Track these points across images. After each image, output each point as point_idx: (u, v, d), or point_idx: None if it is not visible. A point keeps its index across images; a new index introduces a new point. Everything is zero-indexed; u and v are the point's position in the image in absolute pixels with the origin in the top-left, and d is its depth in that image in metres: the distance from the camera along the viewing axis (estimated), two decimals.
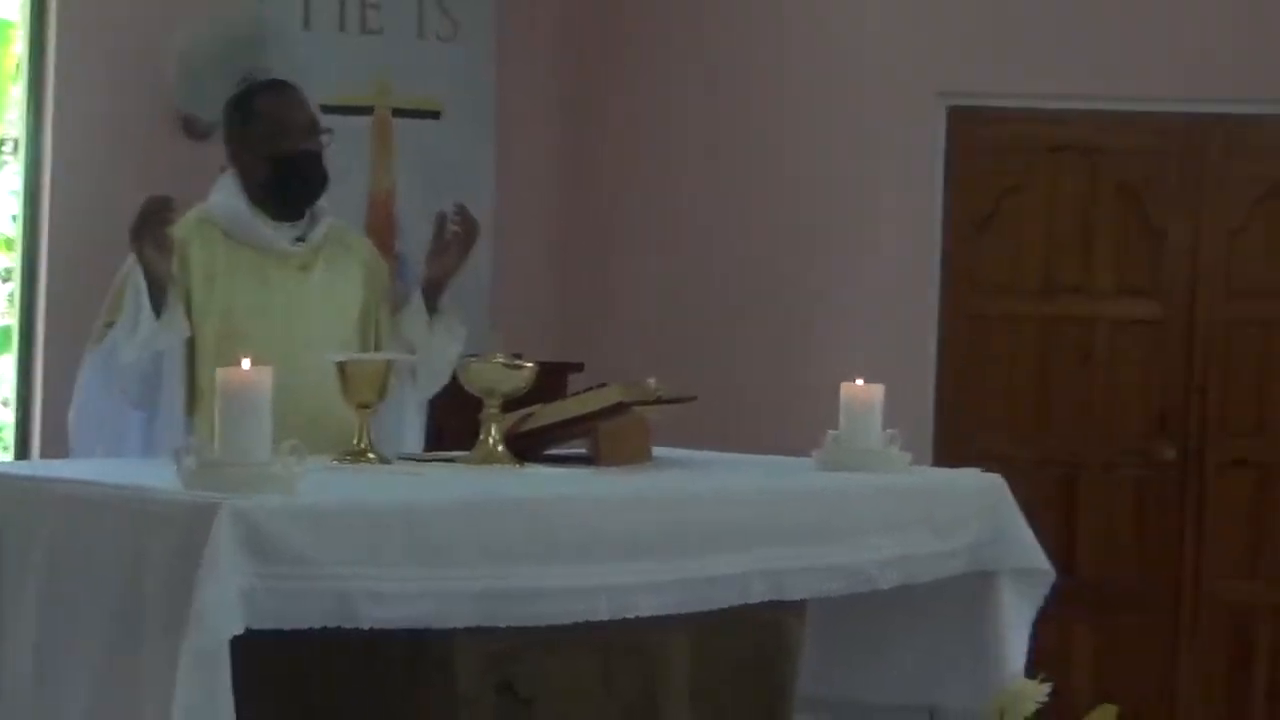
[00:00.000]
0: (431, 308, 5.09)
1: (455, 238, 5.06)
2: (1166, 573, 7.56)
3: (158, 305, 4.70)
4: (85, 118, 6.66)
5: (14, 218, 6.78)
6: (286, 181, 4.95)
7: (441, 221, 5.07)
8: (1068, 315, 7.65)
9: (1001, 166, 7.66)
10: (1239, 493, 7.55)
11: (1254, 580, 7.56)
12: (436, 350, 5.03)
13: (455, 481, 4.23)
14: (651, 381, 4.69)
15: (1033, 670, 4.80)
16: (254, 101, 5.02)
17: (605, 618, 3.91)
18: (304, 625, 3.50)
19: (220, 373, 3.64)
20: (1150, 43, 7.50)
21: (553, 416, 4.61)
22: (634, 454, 4.65)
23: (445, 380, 5.01)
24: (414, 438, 5.17)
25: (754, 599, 4.24)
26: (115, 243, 4.86)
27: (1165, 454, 7.54)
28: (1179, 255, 7.59)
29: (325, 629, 3.53)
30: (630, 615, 3.96)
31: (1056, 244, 7.66)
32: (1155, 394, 7.60)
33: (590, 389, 4.69)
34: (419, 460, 4.66)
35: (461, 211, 5.07)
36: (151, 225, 4.64)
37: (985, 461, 5.17)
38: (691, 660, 4.28)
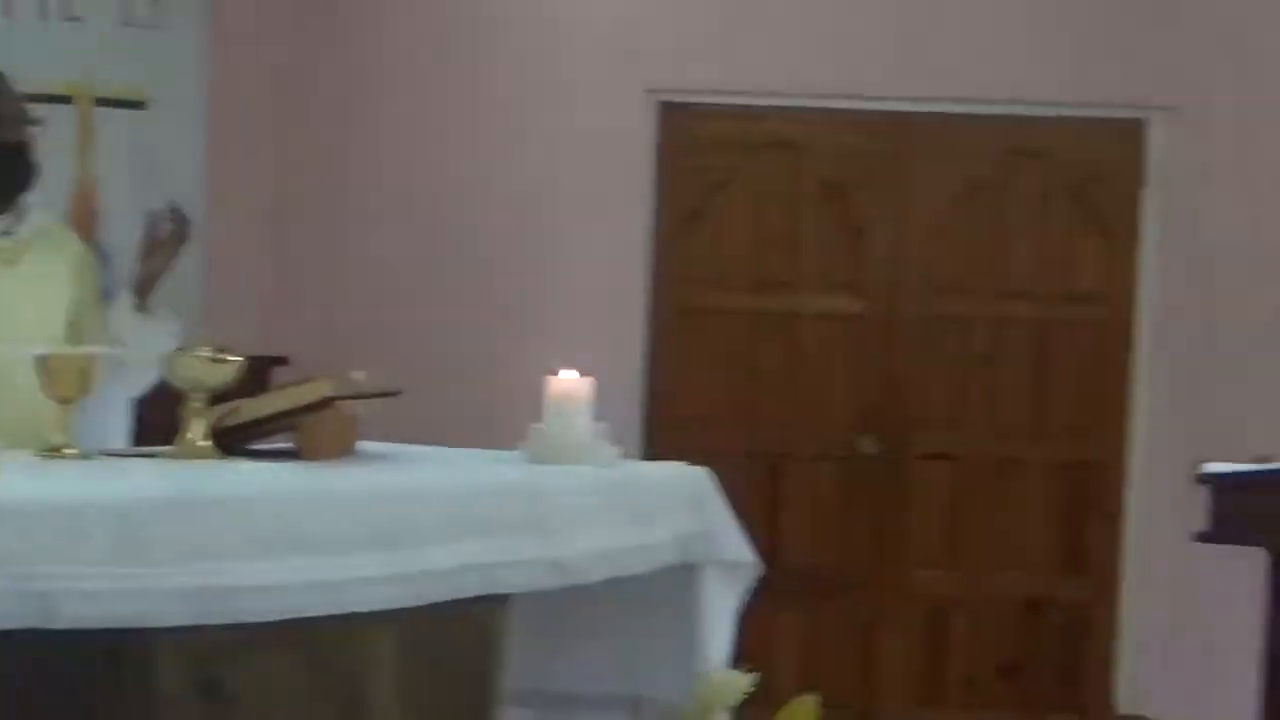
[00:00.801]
0: (142, 305, 5.04)
1: (168, 236, 5.01)
2: (868, 563, 7.71)
3: None
4: None
5: None
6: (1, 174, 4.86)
7: (154, 220, 5.01)
8: (773, 310, 7.77)
9: (710, 163, 7.74)
10: (938, 485, 7.73)
11: (952, 571, 7.74)
12: (146, 347, 4.96)
13: (158, 477, 4.16)
14: (359, 375, 4.67)
15: (737, 660, 4.86)
16: None
17: (315, 614, 3.88)
18: None
19: None
20: (853, 42, 7.63)
21: (258, 411, 4.56)
22: (340, 448, 4.62)
23: (155, 377, 4.94)
24: (120, 435, 5.10)
25: (465, 594, 4.23)
26: None
27: (867, 447, 7.69)
28: (881, 251, 7.75)
29: (20, 628, 3.46)
30: (341, 611, 3.93)
31: (763, 240, 7.77)
32: (858, 388, 7.74)
33: (297, 383, 4.65)
34: (121, 456, 4.59)
35: (175, 211, 5.01)
36: None
37: (693, 454, 5.22)
38: (398, 656, 4.26)
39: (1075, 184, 7.74)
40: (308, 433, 4.56)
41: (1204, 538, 5.20)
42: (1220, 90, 7.55)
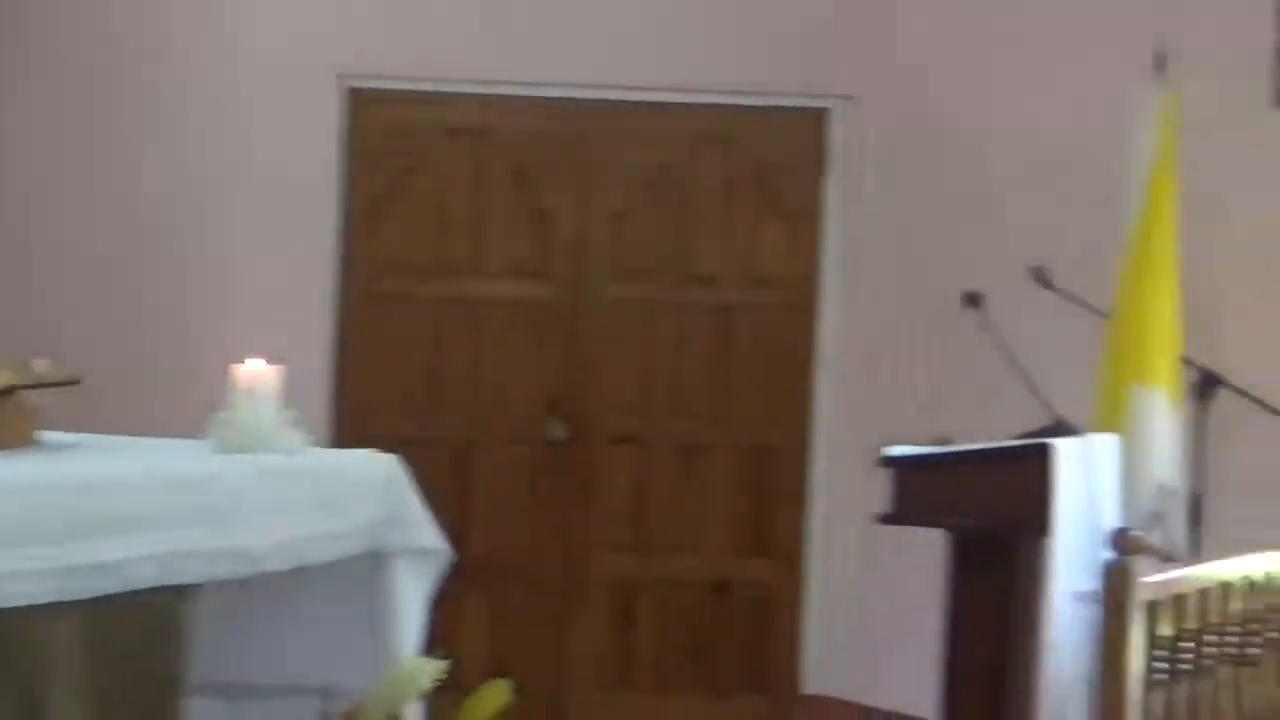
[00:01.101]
0: None
1: None
2: (557, 548, 7.75)
3: None
4: None
5: None
6: None
7: None
8: (461, 296, 7.76)
9: (398, 148, 7.71)
10: (625, 470, 7.79)
11: (639, 554, 7.80)
12: None
13: None
14: (38, 363, 4.58)
15: (429, 647, 4.86)
16: None
17: None
18: None
19: None
20: (541, 29, 7.65)
21: None
22: (20, 438, 4.53)
23: None
24: None
25: (142, 585, 4.16)
26: None
27: (555, 432, 7.72)
28: (567, 237, 7.78)
29: None
30: (10, 604, 3.85)
31: (450, 226, 7.75)
32: (546, 373, 7.77)
33: None
34: None
35: None
36: None
37: (382, 441, 5.19)
38: (80, 649, 4.18)
39: (758, 171, 7.85)
40: None
41: (885, 519, 5.30)
42: (897, 80, 7.70)
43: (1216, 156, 6.75)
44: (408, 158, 7.72)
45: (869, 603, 7.67)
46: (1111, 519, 5.36)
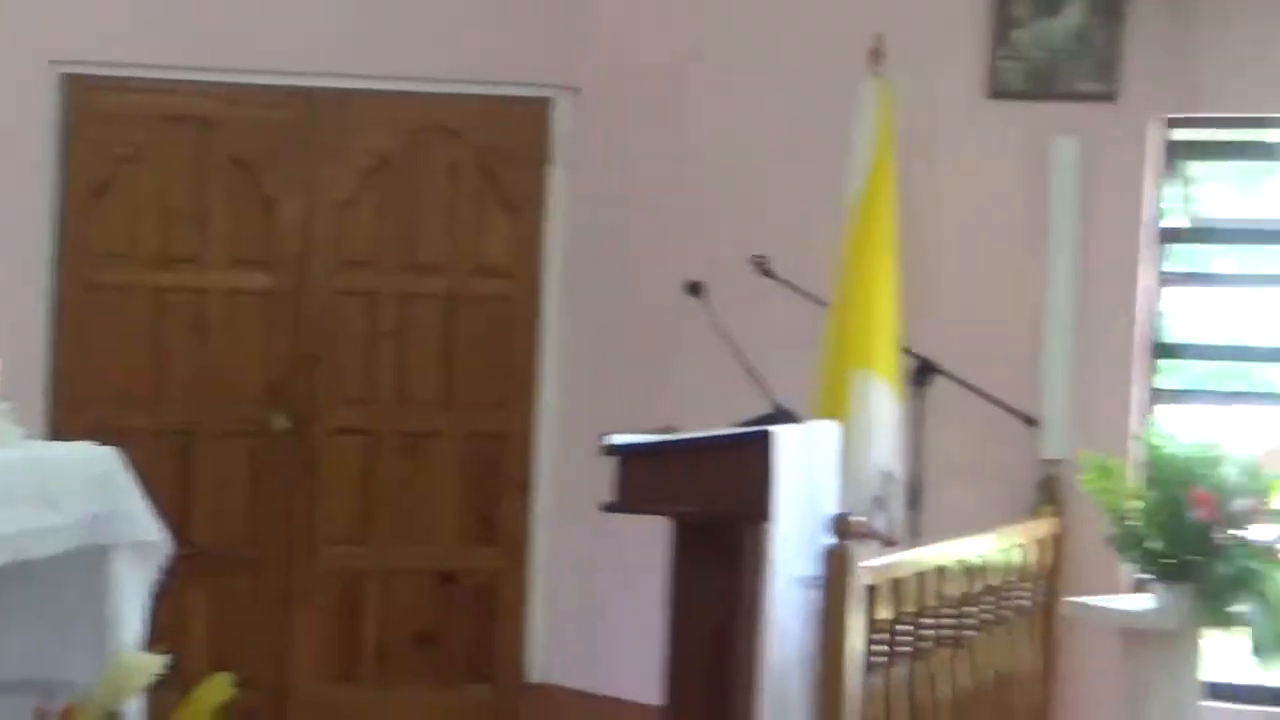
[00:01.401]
0: None
1: None
2: (280, 539, 7.69)
3: None
4: None
5: None
6: None
7: None
8: (182, 285, 7.66)
9: (117, 136, 7.59)
10: (350, 460, 7.75)
11: (364, 545, 7.77)
12: None
13: None
14: None
15: (150, 641, 4.81)
16: None
17: None
18: None
19: None
20: (264, 16, 7.59)
21: None
22: None
23: None
24: None
25: None
26: None
27: (278, 422, 7.66)
28: (291, 226, 7.72)
29: None
30: None
31: (171, 214, 7.66)
32: (268, 363, 7.70)
33: None
34: None
35: None
36: None
37: (101, 433, 5.14)
38: None
39: (483, 160, 7.85)
40: None
41: (609, 507, 5.33)
42: (621, 71, 7.76)
43: (933, 147, 6.89)
44: (127, 145, 7.59)
45: (595, 591, 7.72)
46: (832, 505, 5.45)
